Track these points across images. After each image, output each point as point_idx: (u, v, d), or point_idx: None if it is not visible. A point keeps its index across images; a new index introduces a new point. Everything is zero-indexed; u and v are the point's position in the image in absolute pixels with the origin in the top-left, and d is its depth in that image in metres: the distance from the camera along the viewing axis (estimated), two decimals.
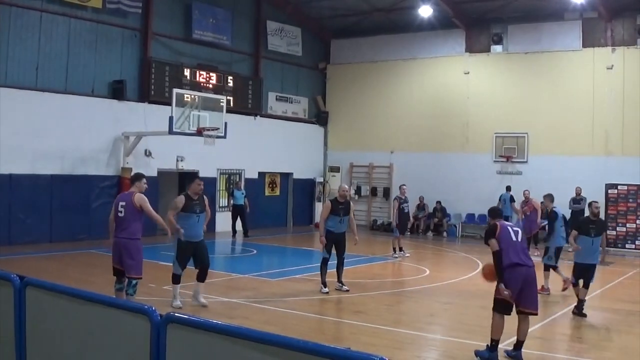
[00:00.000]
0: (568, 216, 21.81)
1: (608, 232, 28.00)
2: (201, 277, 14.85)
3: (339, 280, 17.13)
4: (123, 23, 27.91)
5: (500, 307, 10.82)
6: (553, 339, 12.86)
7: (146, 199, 14.15)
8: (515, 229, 11.12)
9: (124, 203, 13.91)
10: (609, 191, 28.46)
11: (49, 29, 25.39)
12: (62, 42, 25.78)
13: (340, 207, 16.85)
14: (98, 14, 26.89)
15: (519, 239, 10.92)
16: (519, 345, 10.84)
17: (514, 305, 10.79)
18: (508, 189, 30.10)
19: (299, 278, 18.91)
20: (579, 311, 14.85)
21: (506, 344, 11.31)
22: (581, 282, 15.09)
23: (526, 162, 31.55)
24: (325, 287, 16.69)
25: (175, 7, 30.23)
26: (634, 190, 28.09)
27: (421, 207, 33.61)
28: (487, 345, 10.93)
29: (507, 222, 11.48)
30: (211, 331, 6.16)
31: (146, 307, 6.80)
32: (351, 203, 17.61)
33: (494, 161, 32.28)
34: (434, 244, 30.34)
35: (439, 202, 33.11)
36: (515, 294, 10.67)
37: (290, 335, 6.05)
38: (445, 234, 33.18)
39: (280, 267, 21.61)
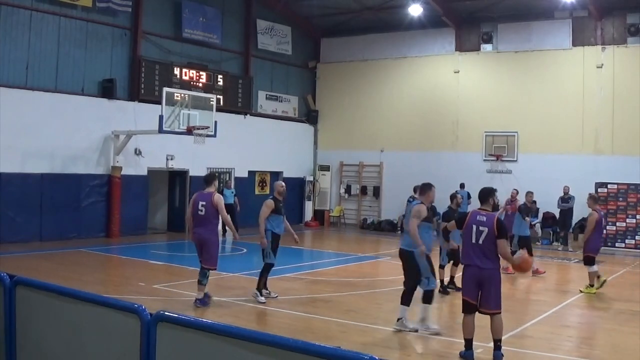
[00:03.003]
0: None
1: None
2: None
3: (266, 287, 15.70)
4: (113, 22, 27.86)
5: (464, 307, 10.97)
6: (542, 338, 12.87)
7: (222, 199, 15.28)
8: (481, 228, 10.75)
9: (204, 202, 14.84)
10: (599, 190, 28.55)
11: (39, 27, 25.33)
12: (52, 41, 25.72)
13: (281, 206, 15.81)
14: (88, 12, 26.85)
15: (480, 241, 10.72)
16: (495, 344, 10.84)
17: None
18: (462, 186, 30.33)
19: (288, 277, 18.91)
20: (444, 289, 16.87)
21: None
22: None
23: (516, 160, 31.59)
24: (261, 295, 15.26)
25: (165, 6, 30.19)
26: (623, 189, 28.20)
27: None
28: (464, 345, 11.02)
29: (479, 215, 10.92)
30: (201, 330, 6.16)
31: (136, 305, 6.79)
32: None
33: (484, 160, 32.32)
34: None
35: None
36: (473, 294, 10.77)
37: (280, 334, 6.05)
38: (435, 232, 33.13)
39: None
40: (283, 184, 16.32)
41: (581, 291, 17.53)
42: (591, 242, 17.84)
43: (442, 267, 17.41)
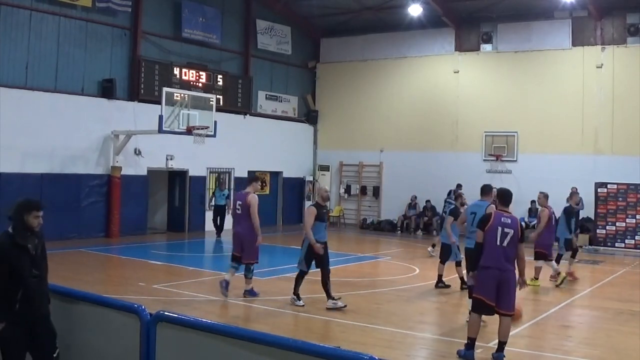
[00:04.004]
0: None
1: (598, 230, 28.24)
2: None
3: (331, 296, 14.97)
4: (113, 22, 27.86)
5: (477, 307, 10.91)
6: (542, 338, 12.88)
7: (257, 199, 16.14)
8: (506, 230, 10.74)
9: (240, 202, 16.03)
10: (599, 190, 28.56)
11: (39, 27, 25.32)
12: (51, 41, 25.72)
13: (324, 212, 15.19)
14: (88, 12, 26.85)
15: (505, 243, 10.70)
16: (500, 346, 10.85)
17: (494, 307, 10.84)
18: (459, 186, 30.44)
19: (288, 277, 18.82)
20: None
21: (496, 342, 11.32)
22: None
23: (516, 160, 31.59)
24: (300, 299, 14.98)
25: (165, 6, 30.18)
26: (623, 189, 28.17)
27: (412, 206, 33.71)
28: (465, 343, 10.97)
29: (504, 217, 10.90)
30: (200, 330, 6.17)
31: (136, 305, 6.81)
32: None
33: (484, 160, 32.32)
34: (424, 242, 30.34)
35: (428, 201, 33.12)
36: (492, 295, 10.70)
37: (280, 334, 6.06)
38: (435, 232, 33.20)
39: (270, 266, 21.56)
40: (327, 188, 16.08)
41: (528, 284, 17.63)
42: (543, 239, 18.58)
43: (458, 264, 17.44)
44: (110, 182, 27.13)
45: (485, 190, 14.27)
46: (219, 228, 28.67)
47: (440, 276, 17.74)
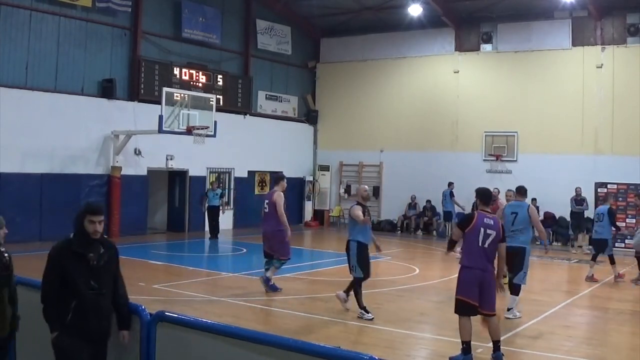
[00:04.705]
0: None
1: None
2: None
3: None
4: (113, 22, 27.87)
5: (462, 309, 10.82)
6: (543, 338, 12.87)
7: (283, 198, 16.78)
8: (488, 231, 10.70)
9: (267, 201, 16.80)
10: (599, 190, 28.57)
11: (39, 27, 25.34)
12: (51, 41, 25.73)
13: (366, 212, 14.46)
14: (88, 12, 26.86)
15: (487, 244, 10.68)
16: (495, 345, 10.83)
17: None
18: (449, 185, 30.55)
19: (288, 277, 18.89)
20: None
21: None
22: None
23: (516, 160, 31.58)
24: (367, 311, 13.88)
25: (165, 6, 30.20)
26: (623, 189, 28.19)
27: (412, 206, 33.72)
28: (461, 348, 10.91)
29: (486, 218, 10.87)
30: (200, 330, 6.17)
31: (136, 305, 6.81)
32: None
33: (484, 160, 32.31)
34: (424, 242, 30.36)
35: (428, 201, 33.11)
36: (475, 296, 10.67)
37: (280, 334, 6.05)
38: (435, 232, 33.22)
39: None
40: (367, 187, 15.43)
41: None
42: None
43: None
44: (110, 182, 27.15)
45: (522, 191, 14.95)
46: (215, 229, 28.35)
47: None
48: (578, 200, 28.08)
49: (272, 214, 16.56)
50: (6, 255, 7.47)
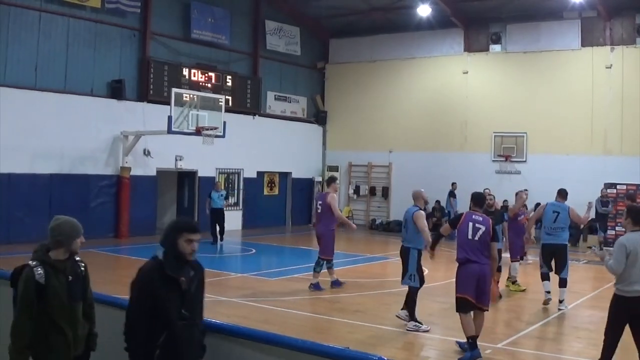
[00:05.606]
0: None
1: (607, 231, 28.09)
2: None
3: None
4: (122, 23, 27.91)
5: (461, 306, 11.13)
6: (552, 339, 12.86)
7: (336, 199, 17.58)
8: (477, 225, 11.24)
9: (320, 202, 17.58)
10: (608, 191, 28.47)
11: (48, 28, 25.39)
12: (61, 42, 25.78)
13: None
14: (97, 13, 26.91)
15: (477, 237, 11.15)
16: (475, 340, 11.00)
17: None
18: (452, 185, 30.76)
19: (297, 277, 18.90)
20: None
21: (505, 343, 11.32)
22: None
23: (525, 161, 31.54)
24: (420, 323, 13.34)
25: (174, 7, 30.23)
26: (632, 189, 28.07)
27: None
28: (467, 343, 11.06)
29: (475, 215, 11.50)
30: (209, 330, 6.17)
31: None
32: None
33: (493, 161, 32.27)
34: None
35: (437, 202, 33.02)
36: (473, 292, 10.98)
37: (289, 335, 6.05)
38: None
39: (279, 267, 21.59)
40: (422, 190, 14.34)
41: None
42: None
43: None
44: (120, 182, 27.18)
45: (563, 193, 16.14)
46: (220, 233, 27.21)
47: None
48: (604, 202, 27.94)
49: (324, 214, 17.30)
50: (82, 265, 6.76)
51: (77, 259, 6.73)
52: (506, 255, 17.59)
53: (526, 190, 22.72)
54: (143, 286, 5.77)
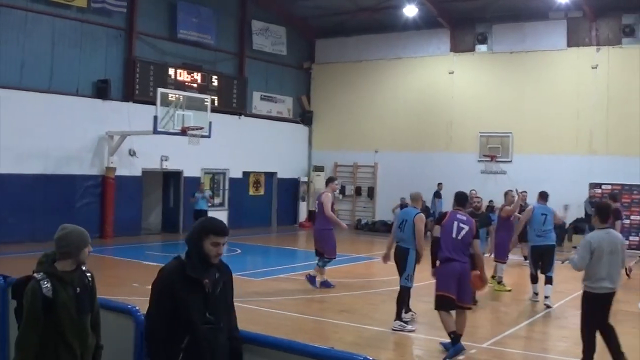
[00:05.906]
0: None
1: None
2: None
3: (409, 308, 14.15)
4: (108, 22, 27.82)
5: (442, 304, 11.22)
6: (538, 339, 12.88)
7: (330, 198, 17.61)
8: (461, 225, 11.29)
9: (317, 201, 17.88)
10: (594, 191, 28.56)
11: (34, 28, 25.29)
12: (46, 42, 25.68)
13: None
14: (83, 13, 26.82)
15: (460, 237, 11.20)
16: (457, 338, 11.08)
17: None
18: (438, 185, 30.85)
19: (282, 277, 18.91)
20: None
21: (490, 343, 11.33)
22: None
23: (510, 161, 31.60)
24: (406, 322, 13.35)
25: (160, 7, 30.15)
26: (617, 189, 28.15)
27: (404, 206, 33.68)
28: (449, 340, 11.15)
29: (459, 215, 11.51)
30: None
31: (130, 307, 6.78)
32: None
33: (479, 161, 32.32)
34: None
35: (423, 202, 33.00)
36: (453, 290, 11.06)
37: (274, 335, 6.03)
38: (429, 233, 33.13)
39: (264, 267, 21.59)
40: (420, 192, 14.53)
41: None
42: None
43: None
44: (105, 182, 27.10)
45: (544, 196, 16.82)
46: None
47: None
48: (593, 202, 27.98)
49: (319, 213, 17.57)
50: (89, 275, 6.45)
51: (84, 268, 6.40)
52: (487, 255, 17.56)
53: (525, 192, 22.77)
54: (164, 288, 5.59)
